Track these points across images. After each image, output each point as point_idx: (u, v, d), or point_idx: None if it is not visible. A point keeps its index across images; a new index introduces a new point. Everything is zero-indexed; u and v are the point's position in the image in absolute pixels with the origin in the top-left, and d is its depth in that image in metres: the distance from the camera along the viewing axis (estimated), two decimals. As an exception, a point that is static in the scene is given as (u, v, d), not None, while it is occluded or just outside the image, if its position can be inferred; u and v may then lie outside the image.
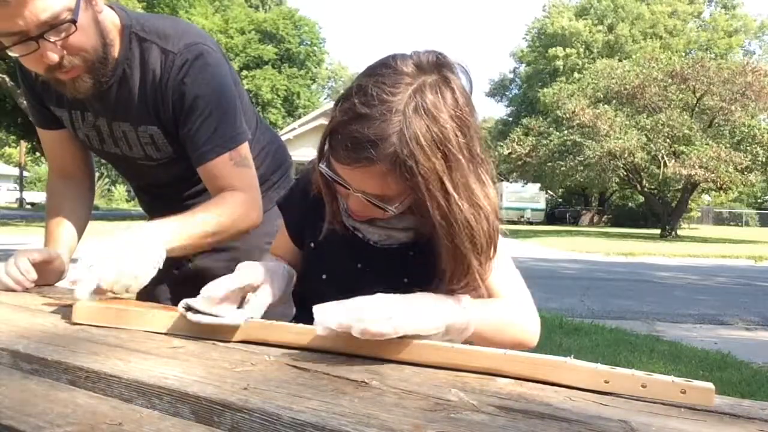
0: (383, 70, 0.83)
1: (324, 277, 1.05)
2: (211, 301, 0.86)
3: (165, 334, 0.87)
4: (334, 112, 0.85)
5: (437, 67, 0.83)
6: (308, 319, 0.88)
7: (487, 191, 0.87)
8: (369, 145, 0.80)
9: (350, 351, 0.78)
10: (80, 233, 1.45)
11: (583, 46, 35.72)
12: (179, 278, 1.45)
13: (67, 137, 1.40)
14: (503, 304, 0.92)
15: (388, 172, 0.81)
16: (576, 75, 27.58)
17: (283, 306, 1.35)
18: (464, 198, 0.83)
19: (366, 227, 0.99)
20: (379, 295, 0.78)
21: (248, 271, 0.93)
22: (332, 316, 0.75)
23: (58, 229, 1.39)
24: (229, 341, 0.84)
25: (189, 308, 0.86)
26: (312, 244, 1.06)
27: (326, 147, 0.88)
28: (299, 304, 1.12)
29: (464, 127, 0.82)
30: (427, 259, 0.91)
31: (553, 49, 35.77)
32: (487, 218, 0.86)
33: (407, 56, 0.84)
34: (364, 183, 0.85)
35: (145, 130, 1.29)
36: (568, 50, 35.31)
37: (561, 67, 35.04)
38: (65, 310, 1.00)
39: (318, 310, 0.76)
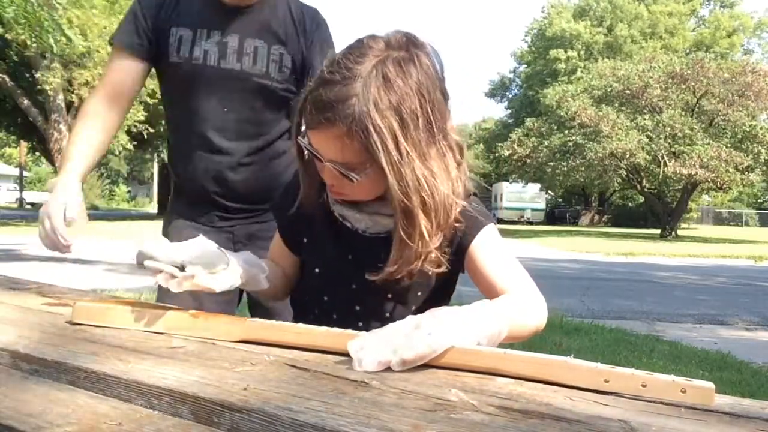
0: (353, 45, 0.89)
1: (317, 270, 1.05)
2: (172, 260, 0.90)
3: (165, 334, 0.87)
4: (308, 84, 0.90)
5: (406, 45, 0.88)
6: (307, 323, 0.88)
7: (447, 164, 0.90)
8: (329, 106, 0.84)
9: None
10: (103, 152, 1.52)
11: (584, 48, 35.70)
12: None
13: (139, 72, 1.49)
14: (519, 301, 0.92)
15: (347, 134, 0.84)
16: (578, 74, 27.52)
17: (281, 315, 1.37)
18: (418, 159, 0.86)
19: (353, 214, 1.00)
20: (410, 318, 0.76)
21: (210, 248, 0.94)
22: (369, 356, 0.71)
23: (88, 150, 1.44)
24: (229, 341, 0.84)
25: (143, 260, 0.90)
26: (305, 240, 1.07)
27: (299, 116, 0.93)
28: (299, 308, 1.12)
29: (425, 101, 0.86)
30: None
31: (555, 50, 35.74)
32: (441, 185, 0.89)
33: (378, 35, 0.89)
34: (328, 148, 0.88)
35: (278, 49, 1.47)
36: (570, 52, 35.27)
37: (562, 69, 34.99)
38: (65, 310, 1.00)
39: (353, 348, 0.73)
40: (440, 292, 1.05)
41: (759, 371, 3.55)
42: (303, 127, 0.92)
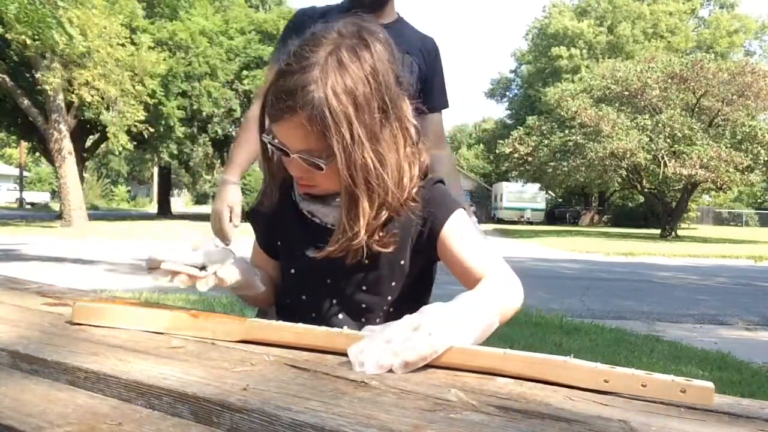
0: (308, 37, 0.91)
1: (292, 271, 1.07)
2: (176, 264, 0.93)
3: (165, 334, 0.87)
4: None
5: (357, 34, 0.91)
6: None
7: (398, 146, 0.93)
8: (290, 94, 0.86)
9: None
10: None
11: (587, 47, 35.66)
12: None
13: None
14: (498, 286, 0.94)
15: (308, 121, 0.86)
16: (581, 73, 27.47)
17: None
18: (368, 143, 0.88)
19: (319, 208, 1.02)
20: (407, 318, 0.76)
21: (215, 251, 0.97)
22: (371, 360, 0.71)
23: (248, 156, 1.62)
24: (229, 341, 0.84)
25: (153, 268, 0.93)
26: (279, 243, 1.09)
27: (262, 111, 0.96)
28: (283, 312, 1.12)
29: (379, 85, 0.89)
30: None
31: (557, 48, 35.70)
32: (391, 170, 0.92)
33: (331, 26, 0.92)
34: (293, 138, 0.90)
35: (409, 58, 1.60)
36: (573, 51, 35.23)
37: (564, 67, 34.95)
38: (65, 310, 1.00)
39: (354, 352, 0.72)
40: (418, 283, 1.07)
41: (759, 371, 3.55)
42: (267, 123, 0.95)
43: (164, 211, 28.31)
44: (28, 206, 35.33)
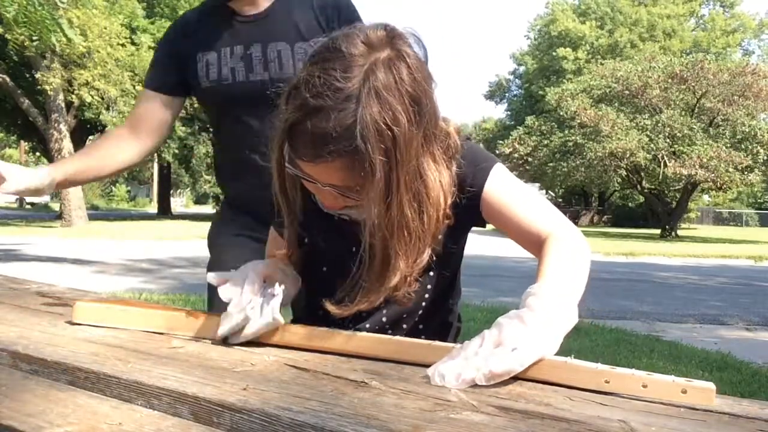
0: (330, 55, 0.77)
1: (325, 269, 1.02)
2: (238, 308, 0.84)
3: (165, 334, 0.87)
4: (284, 107, 0.80)
5: (388, 41, 0.78)
6: (311, 320, 0.87)
7: (441, 172, 0.85)
8: (329, 139, 0.75)
9: (351, 350, 0.78)
10: (95, 176, 1.46)
11: (590, 50, 35.65)
12: None
13: (167, 104, 1.47)
14: (569, 257, 0.86)
15: (349, 164, 0.77)
16: (583, 75, 27.48)
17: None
18: (407, 190, 0.80)
19: (348, 209, 0.94)
20: (486, 334, 0.71)
21: (264, 270, 0.91)
22: (450, 373, 0.67)
23: (74, 158, 1.46)
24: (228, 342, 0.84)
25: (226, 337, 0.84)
26: (306, 240, 1.03)
27: (280, 144, 0.83)
28: (306, 309, 1.10)
29: (418, 104, 0.78)
30: None
31: (562, 49, 35.67)
32: (434, 207, 0.84)
33: (354, 34, 0.79)
34: (329, 176, 0.80)
35: (301, 46, 1.40)
36: (579, 53, 35.20)
37: (567, 68, 34.92)
38: (65, 310, 1.00)
39: (434, 374, 0.68)
40: (450, 256, 1.00)
41: (759, 371, 3.55)
42: (287, 152, 0.83)
43: (164, 211, 28.31)
44: (28, 206, 35.30)
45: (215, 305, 1.29)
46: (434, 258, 0.93)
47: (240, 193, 1.52)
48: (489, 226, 1.02)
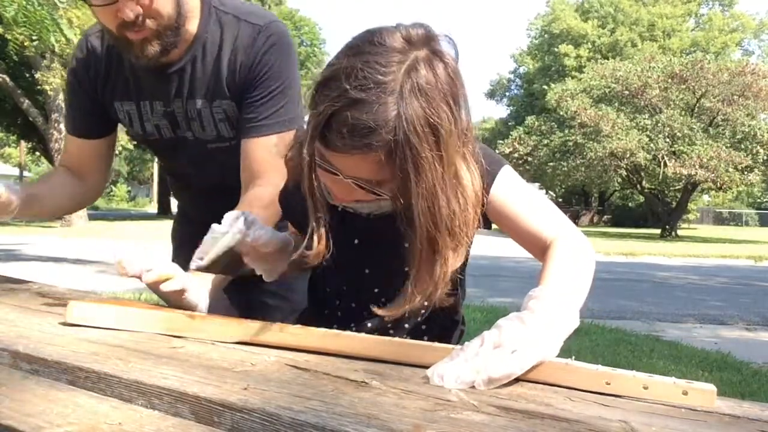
0: (371, 48, 0.77)
1: (324, 261, 1.02)
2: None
3: (165, 334, 0.87)
4: (319, 98, 0.79)
5: (426, 40, 0.79)
6: (317, 317, 0.86)
7: (472, 172, 0.85)
8: (368, 131, 0.75)
9: (350, 351, 0.78)
10: (46, 213, 1.42)
11: (591, 46, 35.64)
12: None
13: (96, 147, 1.41)
14: (573, 261, 0.87)
15: (386, 158, 0.76)
16: (585, 73, 27.49)
17: (295, 301, 1.33)
18: (450, 188, 0.80)
19: (359, 203, 0.93)
20: (486, 335, 0.71)
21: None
22: (450, 374, 0.68)
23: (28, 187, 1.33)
24: (228, 342, 0.84)
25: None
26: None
27: (313, 135, 0.81)
28: (316, 301, 1.10)
29: (456, 104, 0.79)
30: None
31: (564, 46, 35.64)
32: (468, 207, 0.84)
33: (393, 30, 0.79)
34: (358, 169, 0.79)
35: (219, 104, 1.29)
36: (580, 51, 35.17)
37: (568, 66, 34.90)
38: (65, 310, 0.99)
39: (433, 375, 0.69)
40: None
41: (759, 371, 3.55)
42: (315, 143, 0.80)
43: (164, 211, 28.30)
44: (28, 206, 35.26)
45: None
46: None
47: (183, 204, 1.62)
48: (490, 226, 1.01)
